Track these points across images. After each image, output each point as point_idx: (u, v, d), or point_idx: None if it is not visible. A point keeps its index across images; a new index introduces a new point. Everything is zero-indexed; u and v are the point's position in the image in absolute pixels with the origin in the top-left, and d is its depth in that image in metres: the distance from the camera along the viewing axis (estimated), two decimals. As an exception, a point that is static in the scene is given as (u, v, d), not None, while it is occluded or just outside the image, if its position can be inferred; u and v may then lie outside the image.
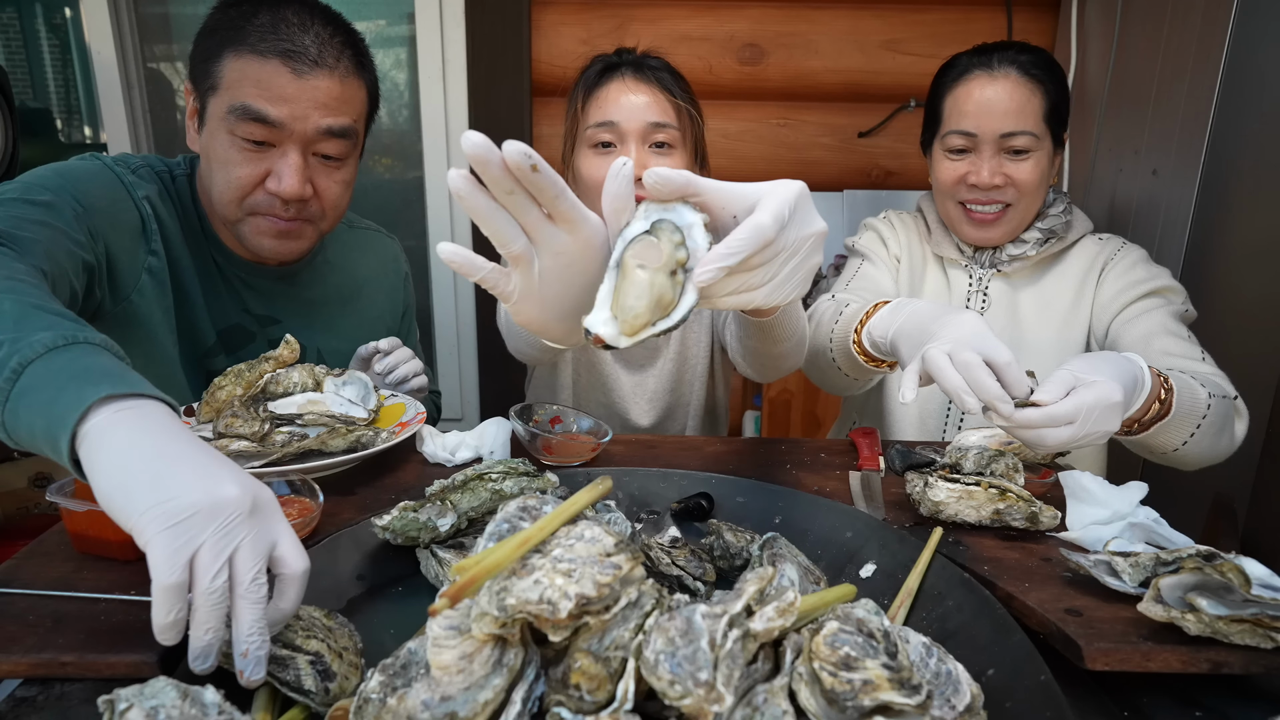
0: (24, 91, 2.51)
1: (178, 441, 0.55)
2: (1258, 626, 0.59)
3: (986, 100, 1.22)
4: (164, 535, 0.50)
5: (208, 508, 0.51)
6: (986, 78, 1.22)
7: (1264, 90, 1.52)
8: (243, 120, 0.98)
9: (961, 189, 1.27)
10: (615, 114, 1.17)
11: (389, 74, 2.38)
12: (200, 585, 0.50)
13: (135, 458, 0.54)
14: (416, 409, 1.06)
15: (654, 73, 1.19)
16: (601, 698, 0.47)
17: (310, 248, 1.13)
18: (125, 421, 0.56)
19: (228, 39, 0.99)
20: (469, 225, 2.31)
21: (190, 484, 0.52)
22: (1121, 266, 1.28)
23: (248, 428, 0.93)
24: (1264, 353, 1.56)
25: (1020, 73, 1.21)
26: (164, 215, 1.06)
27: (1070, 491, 0.82)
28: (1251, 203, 1.57)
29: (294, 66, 0.98)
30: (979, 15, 2.21)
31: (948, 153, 1.27)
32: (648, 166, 1.17)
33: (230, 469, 0.55)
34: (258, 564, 0.52)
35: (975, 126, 1.22)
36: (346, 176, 1.09)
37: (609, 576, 0.49)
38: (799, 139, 2.30)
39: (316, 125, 1.01)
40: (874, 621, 0.54)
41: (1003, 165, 1.23)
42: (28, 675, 0.60)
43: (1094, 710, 0.61)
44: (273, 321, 1.19)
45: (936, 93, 1.30)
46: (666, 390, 1.38)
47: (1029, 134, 1.21)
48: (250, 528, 0.52)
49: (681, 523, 0.84)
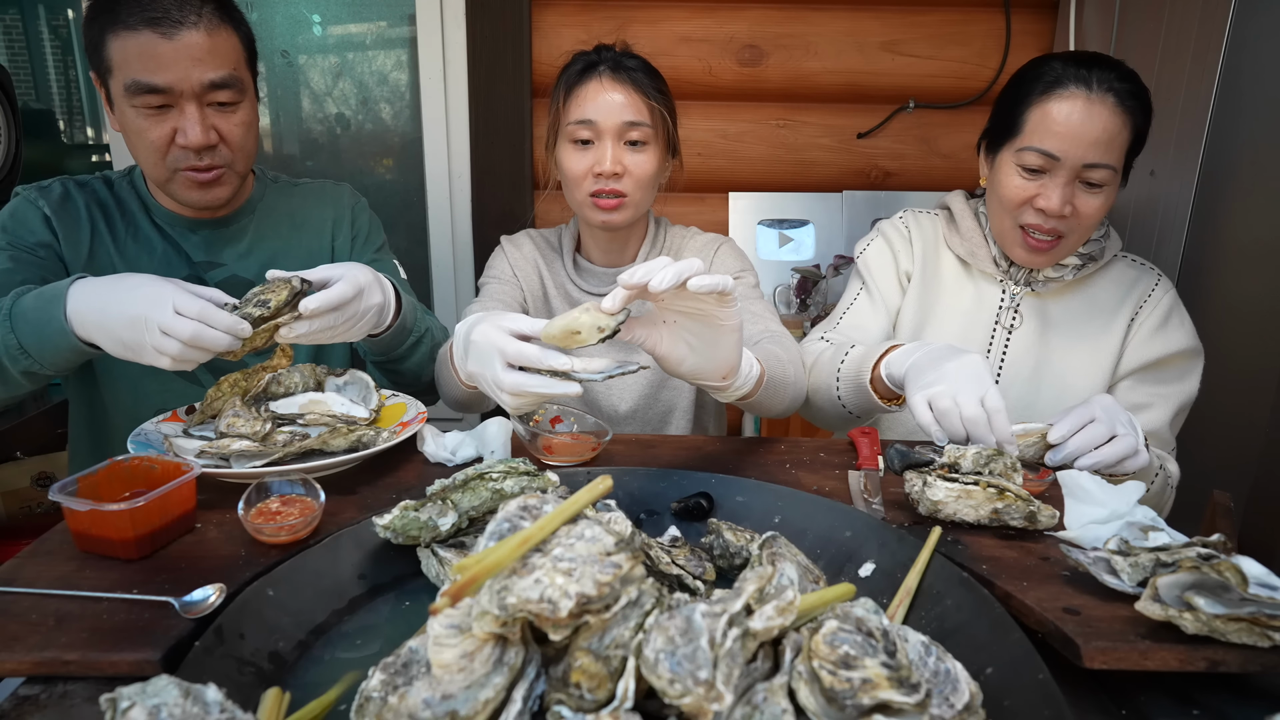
0: (27, 93, 2.51)
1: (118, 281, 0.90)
2: (1255, 625, 0.59)
3: (1078, 124, 1.11)
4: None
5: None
6: (1084, 99, 1.12)
7: (1261, 91, 1.52)
8: (138, 94, 1.08)
9: (1027, 211, 1.18)
10: (593, 113, 1.23)
11: (390, 75, 2.38)
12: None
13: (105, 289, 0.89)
14: (417, 408, 1.06)
15: (630, 73, 1.25)
16: (602, 696, 0.47)
17: (234, 191, 1.22)
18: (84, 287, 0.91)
19: (105, 22, 1.07)
20: (469, 226, 2.31)
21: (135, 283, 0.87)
22: (1152, 322, 1.24)
23: (249, 428, 0.94)
24: (1262, 352, 1.56)
25: (1117, 101, 1.12)
26: (74, 211, 1.20)
27: (1068, 491, 0.82)
28: (1249, 203, 1.57)
29: (162, 31, 1.06)
30: (978, 16, 2.21)
31: (1020, 168, 1.17)
32: (623, 161, 1.26)
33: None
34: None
35: (1061, 150, 1.12)
36: (244, 118, 1.17)
37: (609, 575, 0.49)
38: (798, 140, 2.30)
39: (200, 80, 1.09)
40: (873, 620, 0.55)
41: (1075, 194, 1.15)
42: (30, 674, 0.60)
43: (1092, 709, 0.61)
44: (214, 265, 1.26)
45: (1018, 97, 1.18)
46: (645, 379, 1.39)
47: (1110, 168, 1.13)
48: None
49: (681, 522, 0.84)
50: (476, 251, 2.32)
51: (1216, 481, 1.35)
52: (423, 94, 2.25)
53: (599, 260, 1.39)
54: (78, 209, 1.20)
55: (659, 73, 1.30)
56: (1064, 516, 0.81)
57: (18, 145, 1.90)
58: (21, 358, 0.94)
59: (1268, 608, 0.59)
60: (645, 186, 1.28)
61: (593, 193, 1.26)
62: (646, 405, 1.40)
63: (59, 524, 0.79)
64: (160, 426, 0.98)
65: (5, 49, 2.47)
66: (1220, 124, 1.56)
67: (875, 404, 1.14)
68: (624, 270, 1.36)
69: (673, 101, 1.31)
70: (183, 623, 0.64)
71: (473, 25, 2.14)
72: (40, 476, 2.03)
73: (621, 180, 1.25)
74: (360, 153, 2.45)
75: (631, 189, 1.26)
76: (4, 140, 1.87)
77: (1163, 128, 1.73)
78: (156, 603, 0.67)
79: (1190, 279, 1.64)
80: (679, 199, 2.29)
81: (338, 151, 2.46)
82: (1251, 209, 1.57)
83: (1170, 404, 1.23)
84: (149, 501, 0.72)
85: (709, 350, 0.83)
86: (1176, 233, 1.65)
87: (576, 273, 1.40)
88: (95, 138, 2.61)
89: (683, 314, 0.81)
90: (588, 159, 1.25)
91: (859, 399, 1.16)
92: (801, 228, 2.33)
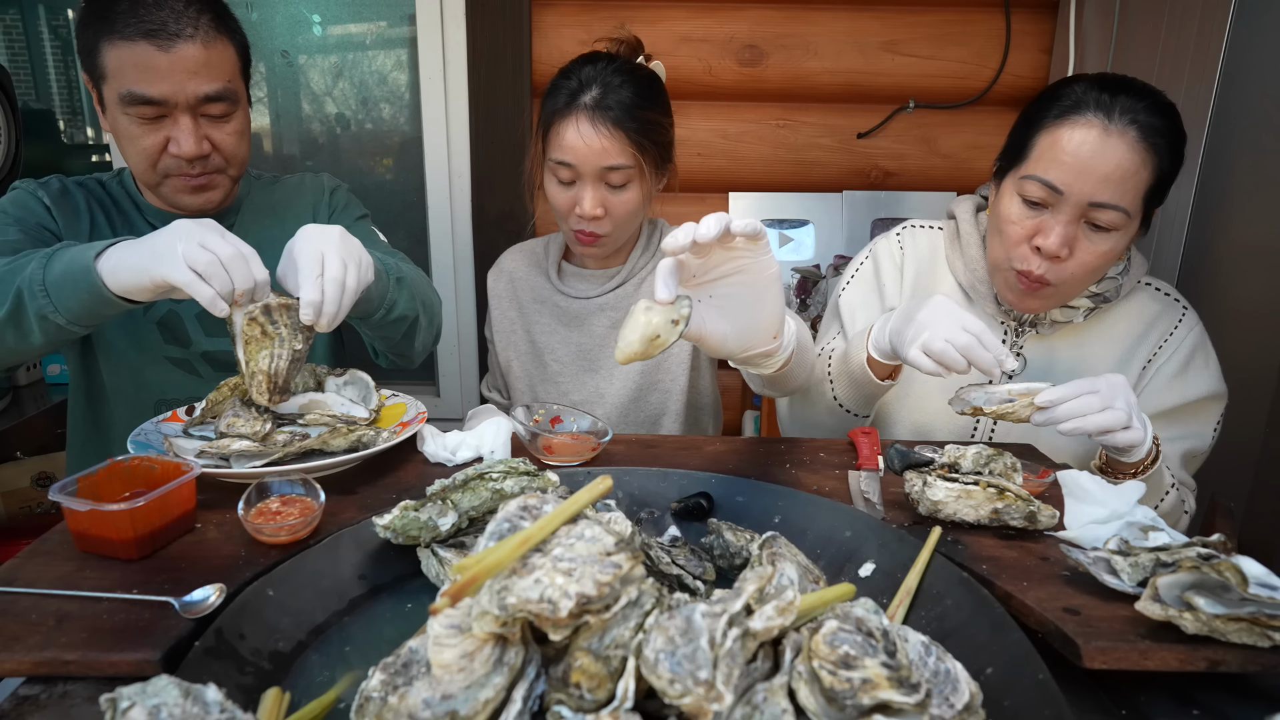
0: (27, 93, 2.51)
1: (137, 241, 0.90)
2: (1255, 625, 0.59)
3: (1088, 155, 1.00)
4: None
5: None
6: (1100, 128, 1.00)
7: (1261, 92, 1.52)
8: (132, 104, 1.09)
9: (1025, 250, 1.07)
10: (572, 156, 1.22)
11: (390, 75, 2.38)
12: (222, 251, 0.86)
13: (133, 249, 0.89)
14: (417, 408, 1.06)
15: (608, 114, 1.20)
16: (602, 696, 0.48)
17: (226, 194, 1.23)
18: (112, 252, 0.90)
19: (100, 30, 1.07)
20: (469, 227, 2.31)
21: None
22: (1172, 367, 1.14)
23: (249, 427, 0.94)
24: (1262, 352, 1.56)
25: (1139, 136, 0.99)
26: (73, 204, 1.20)
27: (1068, 491, 0.82)
28: (1249, 203, 1.57)
29: (159, 43, 1.06)
30: (978, 17, 2.21)
31: (1022, 199, 1.06)
32: (605, 203, 1.25)
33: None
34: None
35: (1065, 183, 1.01)
36: (237, 127, 1.18)
37: (609, 575, 0.49)
38: (798, 140, 2.30)
39: (195, 93, 1.10)
40: (873, 620, 0.55)
41: (1078, 236, 1.03)
42: (30, 674, 0.60)
43: (1092, 708, 0.61)
44: None
45: (1033, 120, 1.07)
46: (638, 370, 1.38)
47: (1120, 210, 1.01)
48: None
49: (681, 522, 0.84)
50: (476, 252, 2.32)
51: (1216, 482, 1.35)
52: (423, 94, 2.25)
53: (590, 264, 1.40)
54: (76, 202, 1.21)
55: (652, 91, 1.26)
56: (1064, 516, 0.81)
57: (18, 145, 1.89)
58: (39, 296, 0.92)
59: (1268, 608, 0.59)
60: (628, 221, 1.29)
61: (575, 229, 1.27)
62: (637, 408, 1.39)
63: (59, 524, 0.79)
64: (160, 426, 0.98)
65: (5, 49, 2.46)
66: (1220, 124, 1.55)
67: (876, 386, 1.11)
68: (615, 271, 1.38)
69: (667, 119, 1.29)
70: (183, 623, 0.64)
71: (473, 25, 2.14)
72: (40, 476, 2.04)
73: (602, 222, 1.26)
74: (360, 153, 2.45)
75: (612, 228, 1.27)
76: (4, 140, 1.87)
77: (1163, 128, 1.73)
78: (156, 603, 0.66)
79: (1189, 279, 1.64)
80: (679, 199, 2.29)
81: (338, 151, 2.46)
82: (1251, 209, 1.57)
83: (1175, 453, 1.14)
84: (149, 501, 0.72)
85: (753, 311, 0.80)
86: (1176, 233, 1.65)
87: (561, 279, 1.40)
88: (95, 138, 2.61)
89: (720, 279, 0.78)
90: (570, 195, 1.25)
91: (857, 390, 1.14)
92: (801, 228, 2.33)
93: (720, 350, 0.82)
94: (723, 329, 0.80)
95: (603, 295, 1.38)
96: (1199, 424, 1.15)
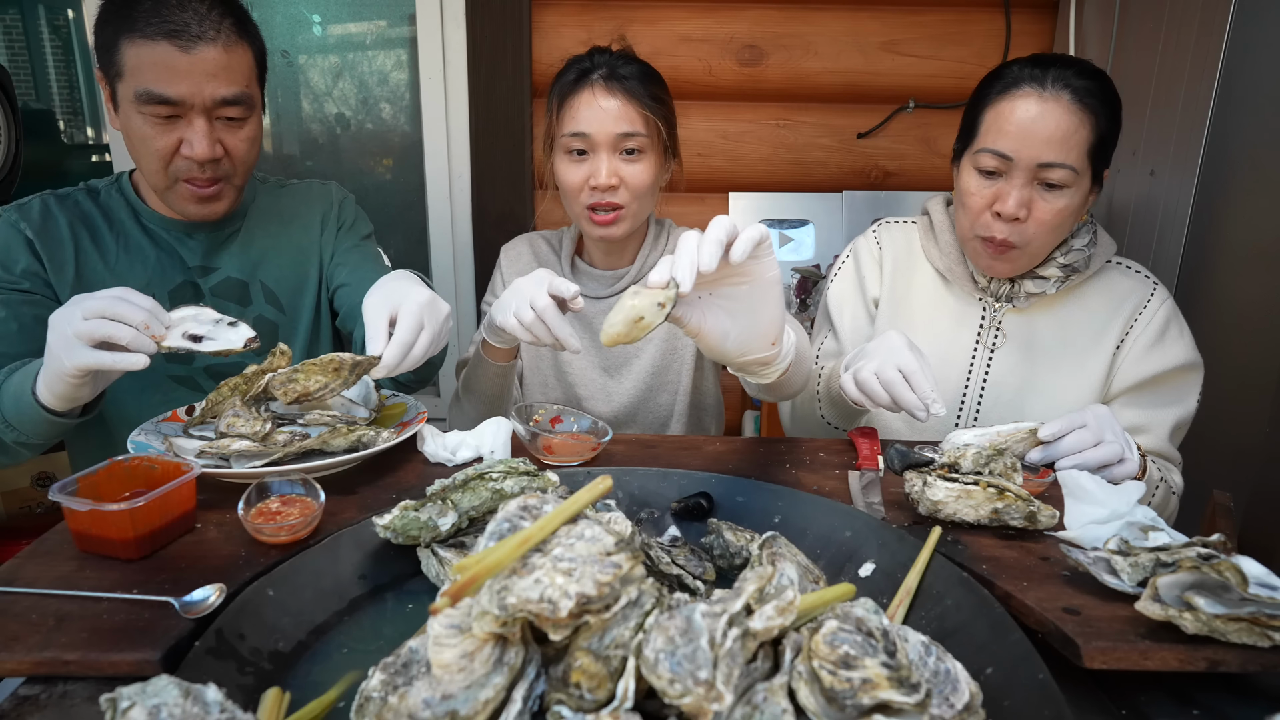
0: (27, 93, 2.51)
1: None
2: (1255, 625, 0.59)
3: (1029, 121, 1.10)
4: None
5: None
6: (1036, 96, 1.10)
7: (1261, 91, 1.52)
8: (148, 103, 1.08)
9: (986, 218, 1.15)
10: (586, 125, 1.23)
11: (390, 75, 2.38)
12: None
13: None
14: (417, 408, 1.06)
15: (624, 82, 1.23)
16: (602, 696, 0.48)
17: (231, 205, 1.23)
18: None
19: (120, 27, 1.07)
20: (469, 226, 2.32)
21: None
22: (1146, 338, 1.20)
23: (249, 427, 0.94)
24: (1262, 352, 1.56)
25: (1073, 98, 1.09)
26: (55, 231, 1.18)
27: (1068, 491, 0.82)
28: (1249, 203, 1.57)
29: (180, 44, 1.06)
30: (977, 16, 2.21)
31: (978, 172, 1.15)
32: (619, 173, 1.25)
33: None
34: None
35: (1013, 149, 1.11)
36: (250, 133, 1.18)
37: (609, 575, 0.49)
38: (798, 140, 2.30)
39: (212, 96, 1.10)
40: (873, 620, 0.55)
41: (1034, 197, 1.12)
42: (30, 674, 0.60)
43: (1092, 708, 0.61)
44: (210, 270, 1.27)
45: (978, 101, 1.18)
46: (648, 372, 1.39)
47: (1068, 168, 1.10)
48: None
49: (681, 522, 0.84)
50: (476, 252, 2.32)
51: (1216, 482, 1.35)
52: (423, 94, 2.25)
53: (600, 263, 1.40)
54: (59, 227, 1.19)
55: (658, 75, 1.29)
56: (1064, 516, 0.81)
57: (18, 145, 1.89)
58: (6, 430, 0.98)
59: (1268, 608, 0.59)
60: (642, 196, 1.28)
61: (590, 205, 1.26)
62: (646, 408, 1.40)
63: (59, 524, 0.79)
64: (160, 426, 0.98)
65: (5, 49, 2.46)
66: (1220, 124, 1.55)
67: (857, 410, 1.16)
68: (624, 272, 1.38)
69: (671, 105, 1.30)
70: (183, 623, 0.64)
71: (473, 25, 2.14)
72: (40, 476, 2.04)
73: (617, 192, 1.25)
74: (360, 153, 2.45)
75: (628, 200, 1.26)
76: (4, 140, 1.87)
77: (1163, 128, 1.73)
78: (156, 603, 0.67)
79: (1190, 279, 1.64)
80: (679, 199, 2.30)
81: (338, 151, 2.46)
82: (1251, 209, 1.57)
83: (1165, 425, 1.20)
84: (149, 501, 0.72)
85: (753, 315, 0.81)
86: (1176, 233, 1.65)
87: (574, 276, 1.40)
88: (95, 138, 2.61)
89: (720, 279, 0.78)
90: (583, 171, 1.25)
91: (840, 410, 1.20)
92: (801, 228, 2.33)
93: (719, 348, 0.82)
94: (724, 325, 0.80)
95: (611, 295, 1.38)
96: (1180, 393, 1.21)
